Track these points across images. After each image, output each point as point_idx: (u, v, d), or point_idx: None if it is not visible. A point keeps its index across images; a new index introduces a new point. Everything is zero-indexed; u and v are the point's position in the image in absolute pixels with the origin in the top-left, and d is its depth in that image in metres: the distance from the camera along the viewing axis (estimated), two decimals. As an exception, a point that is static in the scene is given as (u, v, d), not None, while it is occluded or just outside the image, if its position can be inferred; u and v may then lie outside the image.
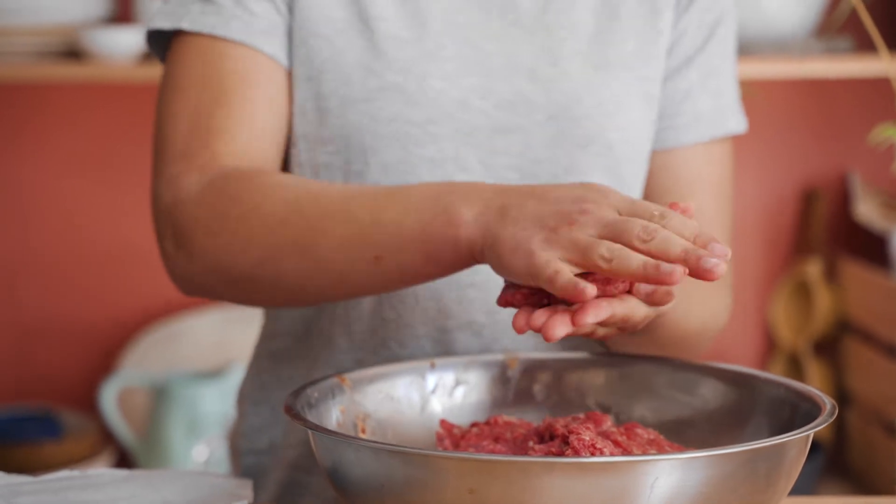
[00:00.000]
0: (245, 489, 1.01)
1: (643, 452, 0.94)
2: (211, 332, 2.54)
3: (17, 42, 2.28)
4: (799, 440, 0.87)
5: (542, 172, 1.18)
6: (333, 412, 1.00)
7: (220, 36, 1.16)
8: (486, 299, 1.18)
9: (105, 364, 2.59)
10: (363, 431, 1.02)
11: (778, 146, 2.61)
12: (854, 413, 2.52)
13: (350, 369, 1.19)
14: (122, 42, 2.25)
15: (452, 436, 1.01)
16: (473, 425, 1.02)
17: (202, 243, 1.08)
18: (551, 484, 0.80)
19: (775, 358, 2.63)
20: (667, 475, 0.81)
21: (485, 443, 0.98)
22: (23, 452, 2.38)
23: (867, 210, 2.49)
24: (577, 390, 1.08)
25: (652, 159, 1.24)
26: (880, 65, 2.22)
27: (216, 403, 2.38)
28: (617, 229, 0.89)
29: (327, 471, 0.90)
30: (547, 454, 0.91)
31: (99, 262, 2.57)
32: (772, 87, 2.55)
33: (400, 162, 1.17)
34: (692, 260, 0.88)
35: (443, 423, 1.02)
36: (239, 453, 1.28)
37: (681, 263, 0.88)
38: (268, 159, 1.16)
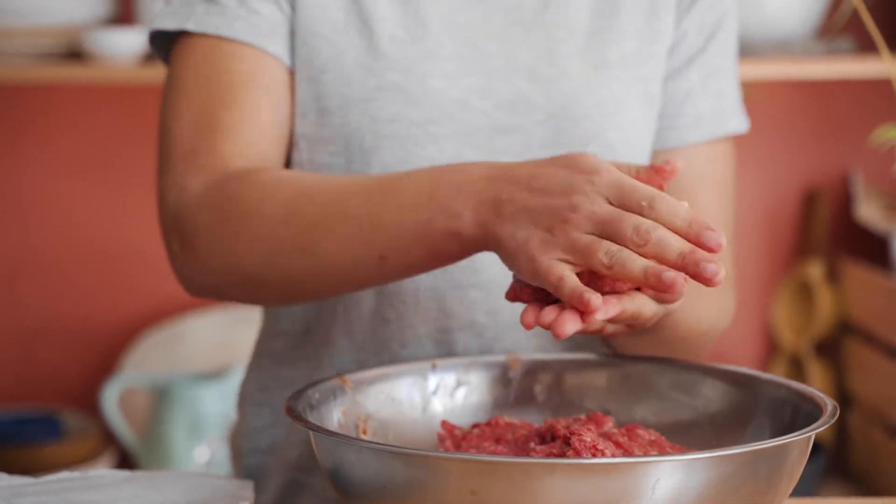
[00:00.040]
0: (246, 490, 1.01)
1: (644, 454, 0.94)
2: (212, 333, 2.54)
3: (19, 43, 2.28)
4: (800, 441, 0.87)
5: (543, 172, 1.18)
6: (335, 413, 1.00)
7: (225, 36, 1.16)
8: (488, 300, 1.18)
9: (106, 365, 2.59)
10: (364, 432, 1.02)
11: (779, 147, 2.61)
12: (855, 414, 2.52)
13: (351, 370, 1.19)
14: (124, 43, 2.25)
15: (454, 437, 1.01)
16: (475, 426, 1.02)
17: (206, 245, 1.08)
18: (552, 485, 0.80)
19: (777, 359, 2.63)
20: (668, 476, 0.81)
21: (486, 444, 0.98)
22: (24, 454, 2.38)
23: (868, 211, 2.49)
24: (579, 391, 1.08)
25: (653, 158, 1.24)
26: (882, 66, 2.22)
27: (217, 404, 2.38)
28: (610, 227, 0.89)
29: (328, 472, 0.90)
30: (548, 455, 0.91)
31: (100, 263, 2.57)
32: (773, 88, 2.55)
33: (401, 162, 1.17)
34: (690, 265, 0.88)
35: (444, 424, 1.02)
36: (240, 454, 1.28)
37: (678, 268, 0.88)
38: (272, 159, 1.16)
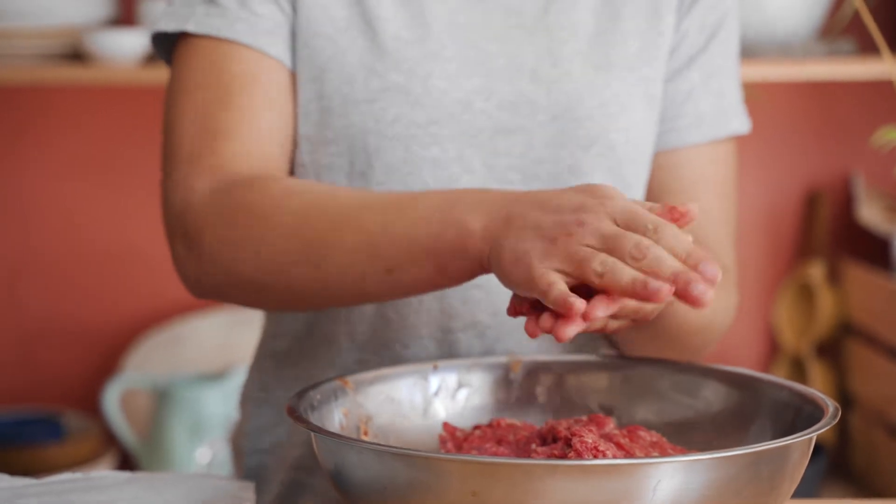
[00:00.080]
0: (247, 491, 1.01)
1: (646, 455, 0.94)
2: (214, 335, 2.54)
3: (21, 44, 2.29)
4: (802, 443, 0.87)
5: (545, 173, 1.18)
6: (336, 414, 1.00)
7: (226, 38, 1.16)
8: (490, 300, 1.18)
9: (108, 366, 2.59)
10: (366, 434, 1.02)
11: (781, 148, 2.61)
12: (857, 415, 2.52)
13: (352, 370, 1.19)
14: (125, 44, 2.25)
15: (455, 438, 1.01)
16: (476, 428, 1.02)
17: (212, 247, 1.08)
18: (554, 486, 0.80)
19: (778, 360, 2.63)
20: (669, 478, 0.81)
21: (487, 445, 0.98)
22: (25, 455, 2.38)
23: (870, 212, 2.49)
24: (580, 393, 1.08)
25: (655, 159, 1.24)
26: (883, 67, 2.22)
27: (219, 406, 2.38)
28: (611, 243, 0.90)
29: (330, 473, 0.90)
30: (549, 457, 0.91)
31: (101, 264, 2.57)
32: (775, 90, 2.55)
33: (403, 163, 1.17)
34: (681, 283, 0.88)
35: (445, 426, 1.02)
36: (241, 454, 1.28)
37: (670, 285, 0.88)
38: (275, 161, 1.16)
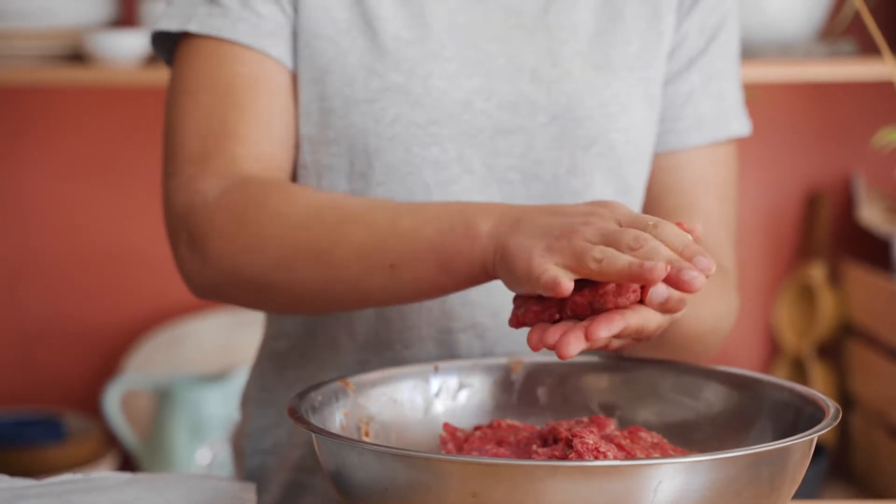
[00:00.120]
0: (248, 492, 1.01)
1: (647, 456, 0.94)
2: (215, 336, 2.54)
3: (22, 45, 2.29)
4: (803, 444, 0.87)
5: (545, 173, 1.19)
6: (337, 415, 1.00)
7: (227, 38, 1.16)
8: (491, 301, 1.18)
9: (108, 367, 2.59)
10: (366, 435, 1.02)
11: (781, 150, 2.61)
12: (858, 416, 2.52)
13: (353, 370, 1.19)
14: (126, 46, 2.25)
15: (456, 439, 1.01)
16: (477, 429, 1.02)
17: (217, 247, 1.08)
18: (555, 488, 0.80)
19: (779, 361, 2.63)
20: (670, 479, 0.81)
21: (488, 446, 0.98)
22: (26, 456, 2.38)
23: (871, 213, 2.49)
24: (581, 394, 1.08)
25: (655, 161, 1.24)
26: (884, 68, 2.22)
27: (220, 407, 2.38)
28: (611, 238, 0.91)
29: (331, 474, 0.90)
30: (550, 458, 0.91)
31: (102, 266, 2.57)
32: (775, 91, 2.55)
33: (404, 163, 1.17)
34: (673, 270, 0.88)
35: (446, 427, 1.02)
36: (243, 455, 1.28)
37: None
38: (280, 162, 1.16)
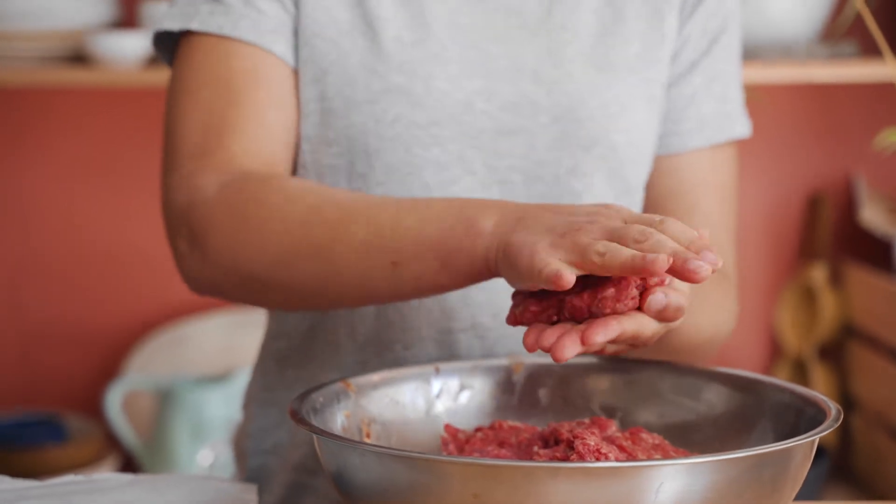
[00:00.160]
0: (250, 493, 1.01)
1: (648, 457, 0.94)
2: (216, 337, 2.54)
3: (23, 47, 2.29)
4: (804, 445, 0.87)
5: (546, 174, 1.19)
6: (338, 417, 1.00)
7: (229, 36, 1.16)
8: (491, 302, 1.18)
9: (110, 368, 2.59)
10: (368, 436, 1.02)
11: (783, 151, 2.61)
12: (859, 418, 2.52)
13: (354, 371, 1.19)
14: (127, 47, 2.25)
15: (457, 440, 1.01)
16: (478, 430, 1.02)
17: (217, 243, 1.08)
18: (556, 489, 0.80)
19: (780, 363, 2.63)
20: (672, 480, 0.81)
21: (489, 447, 0.98)
22: (28, 457, 2.38)
23: (872, 215, 2.49)
24: (582, 395, 1.08)
25: (656, 163, 1.24)
26: (885, 69, 2.22)
27: (221, 408, 2.38)
28: (617, 234, 0.90)
29: (332, 475, 0.90)
30: (552, 459, 0.91)
31: (103, 266, 2.57)
32: (777, 92, 2.55)
33: (404, 164, 1.17)
34: (679, 260, 0.88)
35: (447, 428, 1.02)
36: (244, 455, 1.28)
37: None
38: (280, 159, 1.16)
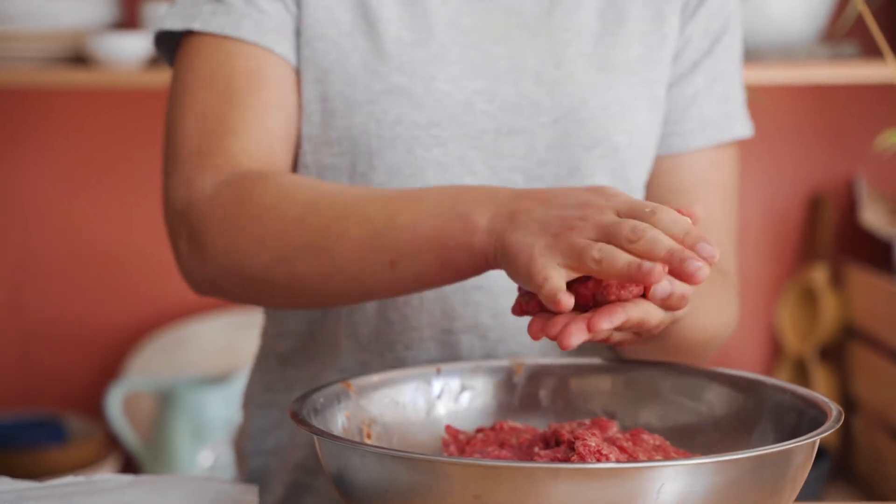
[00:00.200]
0: (250, 494, 1.01)
1: (649, 458, 0.94)
2: (217, 338, 2.54)
3: (24, 47, 2.29)
4: (805, 446, 0.87)
5: (547, 175, 1.18)
6: (339, 418, 1.00)
7: (231, 36, 1.16)
8: (492, 302, 1.18)
9: (111, 369, 2.59)
10: (369, 437, 1.02)
11: (784, 152, 2.61)
12: (860, 419, 2.52)
13: (354, 371, 1.19)
14: (128, 48, 2.25)
15: (458, 441, 1.01)
16: (479, 431, 1.02)
17: (216, 243, 1.08)
18: (557, 490, 0.80)
19: (781, 364, 2.63)
20: (673, 481, 0.81)
21: (490, 448, 0.98)
22: (28, 458, 2.38)
23: (873, 216, 2.49)
24: (583, 396, 1.08)
25: (657, 163, 1.24)
26: (886, 70, 2.22)
27: (222, 409, 2.38)
28: (610, 231, 0.90)
29: (332, 476, 0.90)
30: (552, 460, 0.91)
31: (104, 267, 2.57)
32: (778, 93, 2.55)
33: (405, 164, 1.17)
34: (676, 261, 0.88)
35: (448, 429, 1.02)
36: (245, 456, 1.28)
37: (665, 264, 0.88)
38: (280, 159, 1.16)
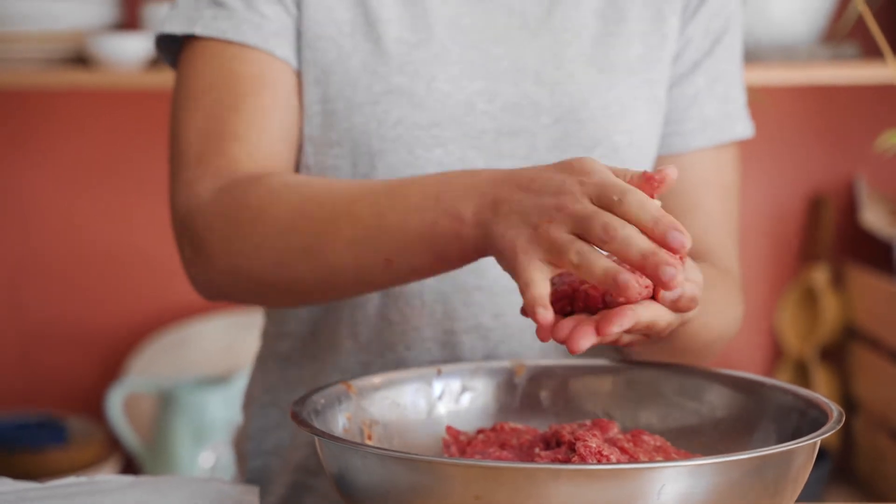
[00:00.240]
0: (251, 495, 1.01)
1: (650, 459, 0.94)
2: (218, 338, 2.54)
3: (25, 48, 2.29)
4: (806, 447, 0.87)
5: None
6: (340, 419, 1.00)
7: (232, 40, 1.16)
8: (493, 302, 1.18)
9: (111, 370, 2.59)
10: (369, 438, 1.02)
11: (784, 152, 2.61)
12: (861, 420, 2.51)
13: (355, 372, 1.19)
14: (129, 48, 2.26)
15: (458, 442, 1.01)
16: (479, 432, 1.02)
17: (217, 248, 1.08)
18: (557, 491, 0.80)
19: (782, 364, 2.62)
20: (674, 482, 0.81)
21: (491, 449, 0.98)
22: (29, 459, 2.38)
23: (874, 216, 2.49)
24: (584, 397, 1.08)
25: (658, 163, 1.24)
26: (887, 71, 2.22)
27: (222, 409, 2.38)
28: (584, 225, 0.89)
29: (333, 477, 0.90)
30: (553, 461, 0.91)
31: (105, 268, 2.57)
32: (778, 94, 2.55)
33: (406, 165, 1.17)
34: (650, 266, 0.87)
35: (449, 430, 1.02)
36: (245, 456, 1.28)
37: (639, 267, 0.87)
38: (282, 162, 1.16)
